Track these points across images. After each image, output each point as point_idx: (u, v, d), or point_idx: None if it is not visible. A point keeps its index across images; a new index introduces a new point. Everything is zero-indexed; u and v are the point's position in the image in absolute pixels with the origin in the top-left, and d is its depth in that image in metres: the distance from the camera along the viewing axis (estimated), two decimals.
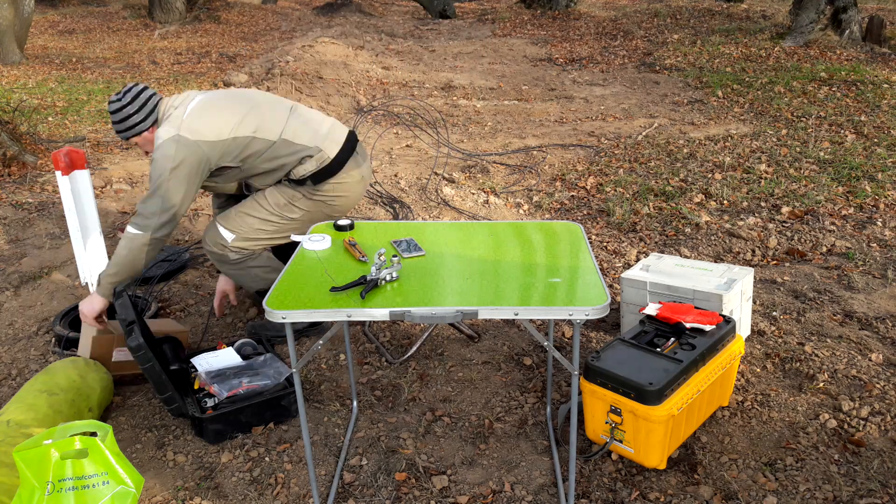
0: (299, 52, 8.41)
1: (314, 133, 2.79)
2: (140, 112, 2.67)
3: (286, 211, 2.83)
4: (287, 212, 2.83)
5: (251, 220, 2.82)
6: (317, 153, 2.77)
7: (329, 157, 2.78)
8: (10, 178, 5.22)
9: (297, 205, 2.83)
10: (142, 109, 2.68)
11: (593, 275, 1.93)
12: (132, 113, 2.67)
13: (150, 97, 2.70)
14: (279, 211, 2.83)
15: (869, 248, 3.74)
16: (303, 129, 2.79)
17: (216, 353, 2.73)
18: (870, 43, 9.00)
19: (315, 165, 2.77)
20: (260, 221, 2.83)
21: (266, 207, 2.83)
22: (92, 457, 1.72)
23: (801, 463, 2.22)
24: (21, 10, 9.73)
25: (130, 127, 2.68)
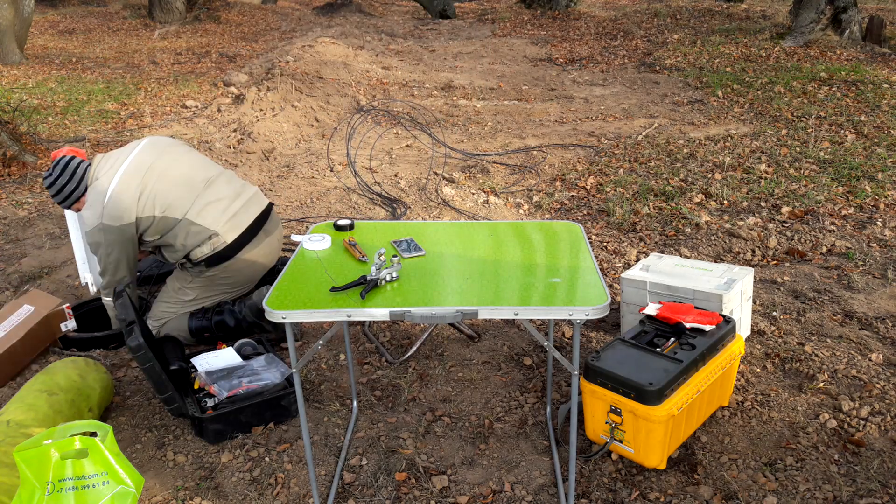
0: (299, 52, 8.41)
1: (219, 214, 2.91)
2: (71, 181, 2.87)
3: (181, 294, 3.02)
4: (182, 295, 3.01)
5: (162, 305, 3.03)
6: (213, 237, 2.88)
7: (225, 243, 2.90)
8: (10, 178, 5.22)
9: (189, 288, 3.00)
10: (72, 179, 2.87)
11: (593, 275, 1.93)
12: (64, 184, 2.87)
13: (77, 166, 2.88)
14: (175, 296, 3.02)
15: (869, 248, 3.74)
16: (210, 208, 2.90)
17: (216, 353, 2.73)
18: (870, 43, 9.00)
19: (209, 250, 2.89)
20: (166, 305, 3.02)
21: (166, 292, 3.05)
22: (92, 457, 1.72)
23: (801, 463, 2.22)
24: (21, 10, 9.73)
25: (67, 197, 2.89)
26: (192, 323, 2.97)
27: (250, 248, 2.98)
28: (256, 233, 3.00)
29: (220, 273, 2.96)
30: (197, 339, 2.99)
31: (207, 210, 2.88)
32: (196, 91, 8.07)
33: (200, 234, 2.87)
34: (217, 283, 2.99)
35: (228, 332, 2.98)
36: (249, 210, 2.99)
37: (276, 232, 3.11)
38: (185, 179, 2.90)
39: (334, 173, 5.18)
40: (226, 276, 2.99)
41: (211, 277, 2.97)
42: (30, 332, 2.81)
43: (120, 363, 2.94)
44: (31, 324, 2.83)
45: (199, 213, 2.86)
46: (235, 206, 2.95)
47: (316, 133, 6.29)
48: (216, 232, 2.88)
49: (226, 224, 2.90)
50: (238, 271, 2.99)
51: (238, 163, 5.47)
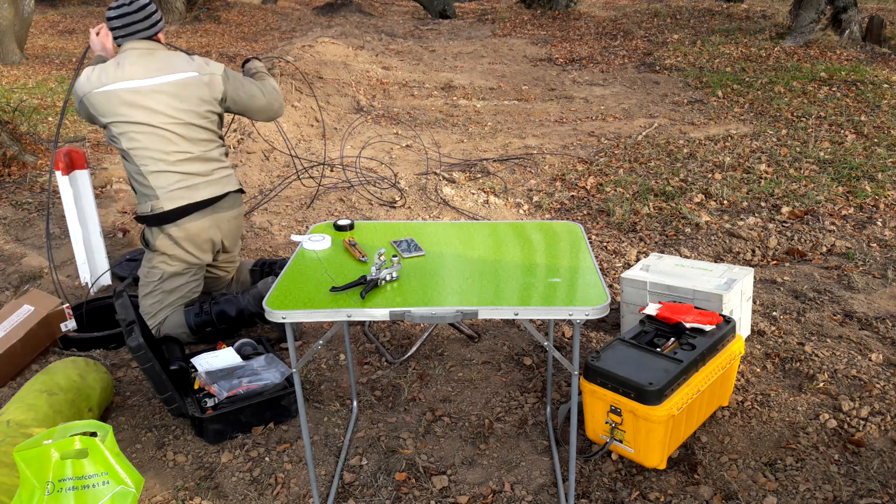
0: (299, 52, 8.41)
1: (171, 182, 2.89)
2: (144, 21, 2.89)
3: (150, 277, 3.00)
4: (151, 277, 3.00)
5: (145, 299, 3.01)
6: (153, 200, 2.89)
7: (162, 209, 2.89)
8: (10, 178, 5.22)
9: (151, 268, 2.99)
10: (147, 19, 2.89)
11: (593, 275, 1.93)
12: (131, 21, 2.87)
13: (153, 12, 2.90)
14: (147, 281, 3.01)
15: (869, 248, 3.74)
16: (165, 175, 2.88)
17: (216, 353, 2.73)
18: (870, 43, 9.00)
19: (149, 210, 2.90)
20: (148, 297, 3.00)
21: (142, 285, 3.03)
22: (92, 457, 1.72)
23: (801, 463, 2.22)
24: (21, 10, 9.73)
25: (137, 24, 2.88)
26: (191, 319, 2.96)
27: (196, 219, 2.93)
28: (205, 207, 2.94)
29: (168, 239, 2.92)
30: (199, 334, 2.98)
31: (165, 175, 2.87)
32: None
33: (145, 189, 2.88)
34: (170, 255, 2.95)
35: (231, 322, 2.98)
36: (207, 188, 2.94)
37: (234, 211, 3.05)
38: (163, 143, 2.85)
39: (334, 172, 5.18)
40: (171, 245, 2.94)
41: (163, 247, 2.94)
42: (30, 332, 2.81)
43: (120, 363, 2.94)
44: (30, 324, 2.83)
45: (153, 174, 2.86)
46: (194, 181, 2.91)
47: (316, 133, 6.29)
48: (157, 196, 2.87)
49: (171, 192, 2.87)
50: (186, 238, 2.93)
51: (238, 163, 5.47)
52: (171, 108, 2.84)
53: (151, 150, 2.86)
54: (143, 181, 2.88)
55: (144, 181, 2.88)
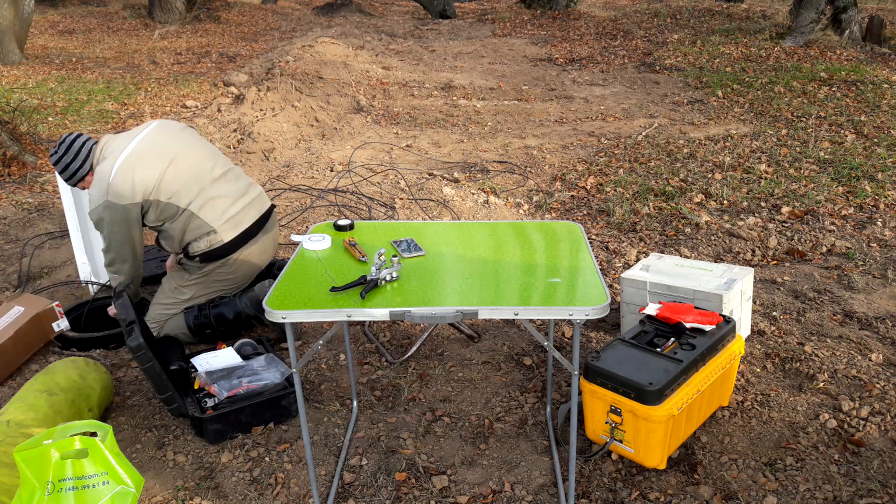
0: (299, 52, 8.41)
1: (221, 212, 2.91)
2: (76, 160, 2.85)
3: (177, 294, 3.01)
4: (178, 294, 3.01)
5: (158, 307, 3.02)
6: (211, 235, 2.89)
7: (221, 242, 2.91)
8: (10, 178, 5.22)
9: (185, 287, 3.00)
10: (77, 157, 2.85)
11: (593, 275, 1.93)
12: (69, 162, 2.86)
13: (82, 144, 2.87)
14: (172, 295, 3.01)
15: (869, 248, 3.74)
16: (213, 203, 2.90)
17: (216, 353, 2.73)
18: (870, 43, 9.00)
19: (206, 246, 2.90)
20: (163, 306, 3.01)
21: (163, 293, 3.04)
22: (92, 457, 1.72)
23: (801, 463, 2.22)
24: (21, 10, 9.73)
25: (73, 174, 2.87)
26: (191, 320, 2.97)
27: (247, 248, 2.98)
28: (255, 234, 3.00)
29: (215, 269, 2.96)
30: (198, 336, 2.99)
31: (210, 205, 2.88)
32: (196, 91, 8.07)
33: (200, 228, 2.87)
34: (213, 280, 2.99)
35: (229, 325, 2.99)
36: (251, 211, 2.99)
37: (273, 232, 3.12)
38: (194, 169, 2.89)
39: (335, 172, 5.18)
40: (221, 274, 2.99)
41: (206, 274, 2.97)
42: (19, 331, 2.81)
43: (120, 363, 2.94)
44: (20, 323, 2.83)
45: (201, 207, 2.86)
46: (238, 205, 2.96)
47: (316, 133, 6.29)
48: (215, 229, 2.88)
49: (226, 223, 2.90)
50: (234, 270, 2.99)
51: (238, 163, 5.47)
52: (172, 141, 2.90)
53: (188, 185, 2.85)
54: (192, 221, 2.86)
55: (195, 219, 2.86)
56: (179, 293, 2.99)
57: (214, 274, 2.98)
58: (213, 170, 2.94)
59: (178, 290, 3.00)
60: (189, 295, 3.00)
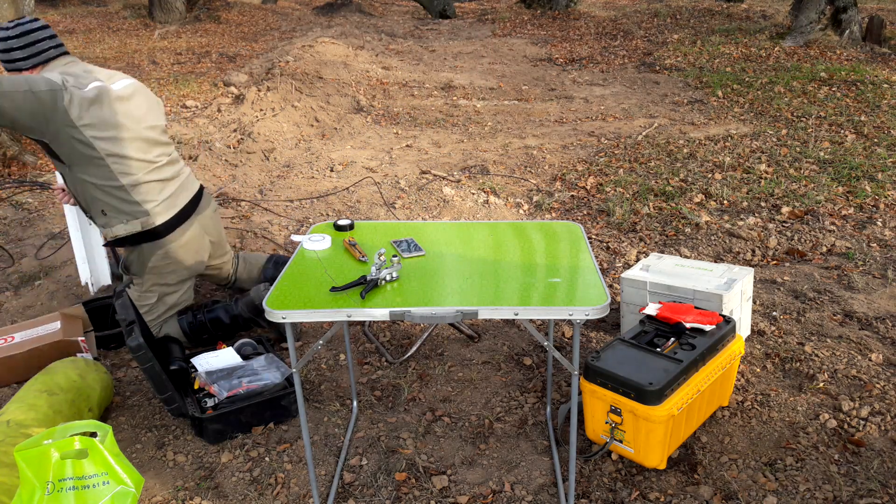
0: (299, 52, 8.41)
1: (156, 193, 2.77)
2: (22, 50, 2.61)
3: (143, 300, 2.92)
4: (145, 300, 2.92)
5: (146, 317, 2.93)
6: (143, 218, 2.75)
7: (153, 224, 2.77)
8: (10, 179, 5.22)
9: (145, 292, 2.91)
10: (25, 48, 2.61)
11: (593, 275, 1.93)
12: (14, 48, 2.61)
13: (39, 39, 2.62)
14: (143, 303, 2.92)
15: (869, 248, 3.74)
16: (148, 186, 2.76)
17: (216, 353, 2.73)
18: (870, 43, 9.00)
19: (140, 227, 2.75)
20: (148, 317, 2.94)
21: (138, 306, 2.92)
22: (92, 457, 1.72)
23: (801, 463, 2.22)
24: (21, 10, 9.73)
25: (9, 61, 2.62)
26: (185, 325, 2.93)
27: (182, 231, 2.86)
28: (188, 216, 2.88)
29: (156, 257, 2.83)
30: (195, 340, 2.97)
31: (147, 188, 2.74)
32: (196, 91, 8.07)
33: (132, 206, 2.72)
34: (164, 272, 2.88)
35: (225, 329, 2.97)
36: (182, 194, 2.87)
37: (209, 210, 3.00)
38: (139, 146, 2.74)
39: (335, 172, 5.18)
40: (166, 262, 2.86)
41: (152, 268, 2.86)
42: (36, 350, 2.75)
43: (120, 363, 2.94)
44: (42, 342, 2.77)
45: (135, 187, 2.71)
46: (171, 187, 2.83)
47: (316, 133, 6.29)
48: (147, 211, 2.74)
49: (159, 205, 2.77)
50: (174, 253, 2.86)
51: (238, 163, 5.47)
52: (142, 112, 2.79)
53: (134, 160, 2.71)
54: (124, 196, 2.71)
55: (126, 196, 2.71)
56: (146, 299, 2.92)
57: (160, 267, 2.85)
58: (159, 157, 2.80)
59: (141, 296, 2.92)
60: (155, 295, 2.90)
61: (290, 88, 6.92)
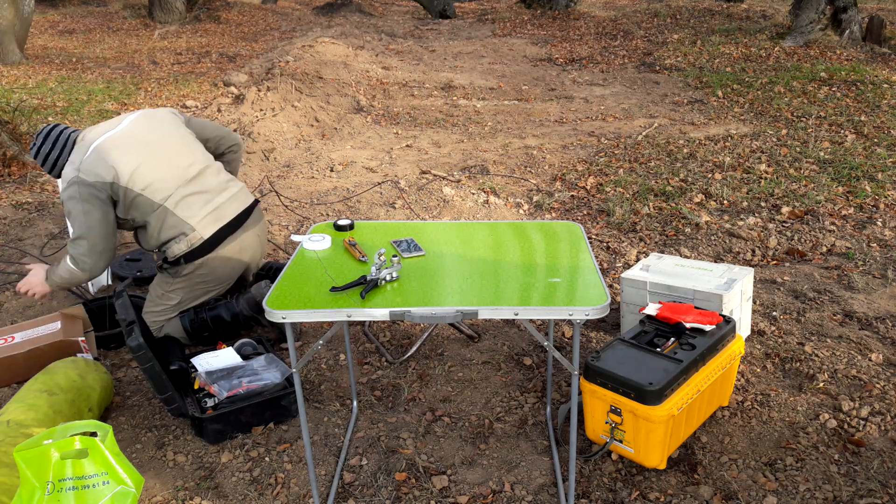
0: (299, 52, 8.41)
1: (199, 207, 2.82)
2: (55, 149, 2.83)
3: (165, 300, 2.95)
4: (166, 301, 2.95)
5: (149, 315, 2.96)
6: (190, 233, 2.80)
7: (201, 239, 2.82)
8: (10, 178, 5.22)
9: (171, 292, 2.94)
10: (55, 146, 2.83)
11: (593, 275, 1.93)
12: (48, 151, 2.83)
13: (60, 133, 2.85)
14: (160, 302, 2.95)
15: (869, 248, 3.74)
16: (191, 199, 2.82)
17: (216, 353, 2.73)
18: (870, 43, 9.00)
19: (186, 247, 2.81)
20: (153, 314, 2.96)
21: (151, 300, 2.98)
22: (92, 457, 1.72)
23: (801, 463, 2.22)
24: (21, 10, 9.73)
25: (54, 165, 2.86)
26: (187, 323, 2.93)
27: (228, 244, 2.88)
28: (236, 229, 2.91)
29: (198, 270, 2.87)
30: (196, 339, 2.96)
31: (186, 202, 2.79)
32: (196, 91, 8.07)
33: (177, 227, 2.77)
34: (198, 282, 2.91)
35: (226, 327, 2.95)
36: (231, 205, 2.90)
37: (257, 227, 3.02)
38: (171, 165, 2.80)
39: (335, 172, 5.18)
40: (205, 274, 2.89)
41: (189, 277, 2.88)
42: (36, 350, 2.75)
43: (120, 363, 2.94)
44: (43, 342, 2.77)
45: (178, 204, 2.77)
46: (218, 200, 2.87)
47: (316, 133, 6.29)
48: (192, 227, 2.79)
49: (204, 219, 2.81)
50: (217, 268, 2.89)
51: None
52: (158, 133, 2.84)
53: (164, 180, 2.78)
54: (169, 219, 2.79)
55: (171, 217, 2.79)
56: (167, 299, 2.93)
57: (196, 276, 2.89)
58: (190, 167, 2.84)
59: (164, 296, 2.93)
60: (177, 300, 2.93)
61: (290, 88, 6.92)
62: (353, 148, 5.85)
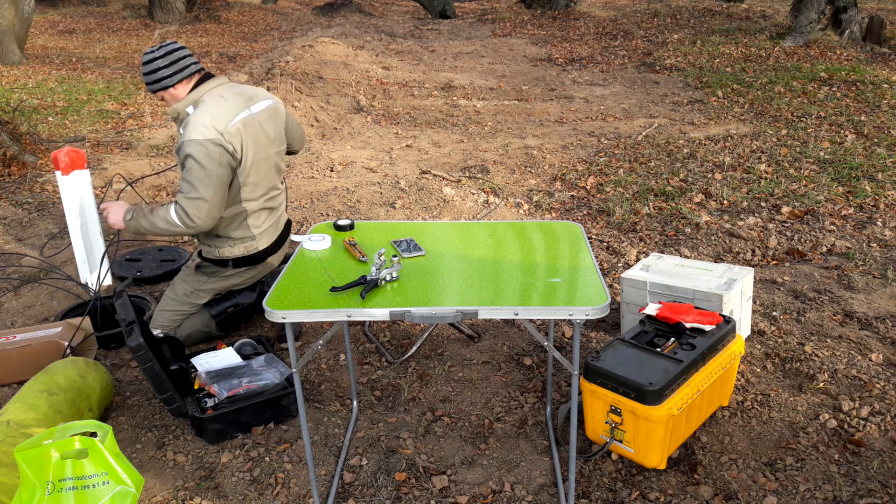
0: (299, 52, 8.40)
1: (264, 220, 2.91)
2: (168, 68, 2.73)
3: (193, 298, 2.98)
4: (195, 299, 2.98)
5: (167, 313, 2.97)
6: (248, 241, 2.88)
7: (257, 249, 2.91)
8: (10, 178, 5.22)
9: (202, 290, 2.98)
10: (170, 66, 2.73)
11: (593, 275, 1.93)
12: (160, 67, 2.73)
13: (182, 57, 2.75)
14: (187, 300, 2.97)
15: (869, 248, 3.74)
16: (261, 213, 2.89)
17: (216, 353, 2.73)
18: (870, 43, 9.00)
19: (242, 251, 2.88)
20: (171, 312, 2.97)
21: (175, 299, 2.98)
22: (92, 457, 1.72)
23: (801, 463, 2.22)
24: (21, 10, 9.73)
25: (157, 80, 2.74)
26: (214, 311, 3.00)
27: (270, 257, 3.02)
28: (280, 245, 3.04)
29: (239, 273, 2.97)
30: (220, 322, 3.01)
31: (258, 214, 2.88)
32: None
33: (241, 231, 2.86)
34: (231, 284, 3.00)
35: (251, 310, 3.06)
36: (280, 222, 3.04)
37: (288, 242, 3.16)
38: (272, 174, 2.88)
39: (335, 172, 5.18)
40: (241, 278, 3.00)
41: (226, 278, 2.96)
42: (27, 348, 2.75)
43: (120, 363, 2.94)
44: (35, 342, 2.78)
45: (253, 213, 2.86)
46: (276, 216, 2.99)
47: (316, 133, 6.29)
48: (254, 237, 2.89)
49: (265, 232, 2.92)
50: (254, 275, 3.02)
51: None
52: (275, 135, 2.88)
53: (259, 187, 2.83)
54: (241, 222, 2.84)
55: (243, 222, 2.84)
56: (196, 297, 2.97)
57: (235, 277, 2.97)
58: (278, 183, 2.95)
59: (194, 294, 2.97)
60: (206, 298, 3.00)
61: (290, 88, 6.92)
62: (353, 148, 5.85)
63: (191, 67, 2.77)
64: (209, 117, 2.64)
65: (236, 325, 3.09)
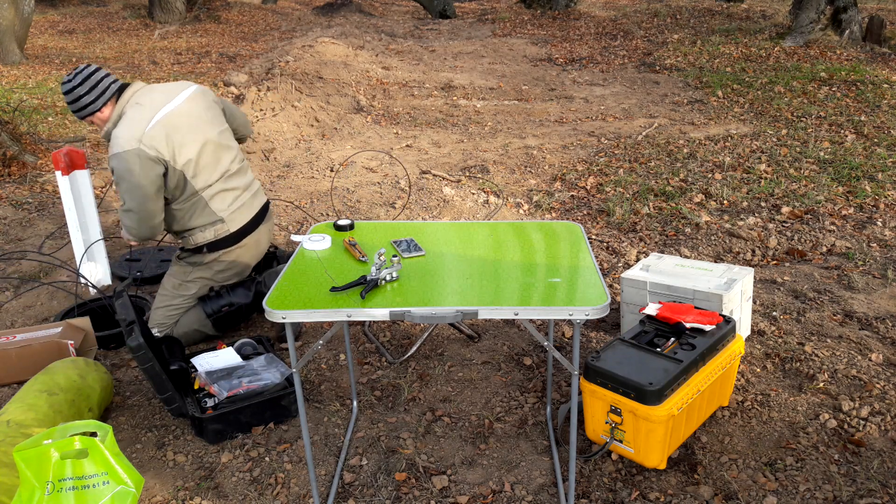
0: (299, 52, 8.40)
1: (230, 202, 2.92)
2: (90, 93, 2.75)
3: (181, 290, 2.99)
4: (182, 290, 2.99)
5: (162, 310, 2.98)
6: (218, 224, 2.89)
7: (228, 231, 2.92)
8: (10, 178, 5.22)
9: (189, 282, 2.99)
10: (92, 91, 2.75)
11: (593, 275, 1.93)
12: (82, 94, 2.75)
13: (101, 79, 2.77)
14: (176, 293, 2.99)
15: (869, 248, 3.74)
16: (225, 195, 2.91)
17: (216, 353, 2.73)
18: (870, 43, 9.00)
19: (213, 236, 2.90)
20: (166, 308, 2.98)
21: (165, 295, 3.00)
22: (92, 457, 1.72)
23: (801, 463, 2.22)
24: (21, 10, 9.73)
25: (82, 107, 2.77)
26: (209, 309, 2.99)
27: (248, 238, 3.00)
28: (258, 224, 3.03)
29: (218, 259, 2.96)
30: (216, 321, 3.00)
31: (221, 196, 2.89)
32: None
33: (207, 217, 2.87)
34: (218, 270, 2.99)
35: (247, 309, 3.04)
36: (254, 202, 3.03)
37: (269, 224, 3.15)
38: (217, 158, 2.89)
39: (335, 172, 5.18)
40: (224, 264, 2.99)
41: (209, 266, 2.96)
42: (27, 349, 2.75)
43: (120, 363, 2.94)
44: (36, 341, 2.79)
45: (213, 197, 2.86)
46: (245, 196, 2.98)
47: (316, 133, 6.29)
48: (222, 219, 2.89)
49: (233, 213, 2.92)
50: (236, 259, 3.01)
51: None
52: (209, 117, 2.88)
53: (209, 171, 2.84)
54: (202, 209, 2.86)
55: (205, 208, 2.86)
56: (184, 289, 2.98)
57: (217, 264, 2.97)
58: (232, 163, 2.94)
59: (182, 286, 2.98)
60: (195, 289, 2.99)
61: (290, 88, 6.92)
62: (353, 148, 5.85)
63: (111, 88, 2.79)
64: (125, 129, 2.69)
65: (235, 326, 3.09)
